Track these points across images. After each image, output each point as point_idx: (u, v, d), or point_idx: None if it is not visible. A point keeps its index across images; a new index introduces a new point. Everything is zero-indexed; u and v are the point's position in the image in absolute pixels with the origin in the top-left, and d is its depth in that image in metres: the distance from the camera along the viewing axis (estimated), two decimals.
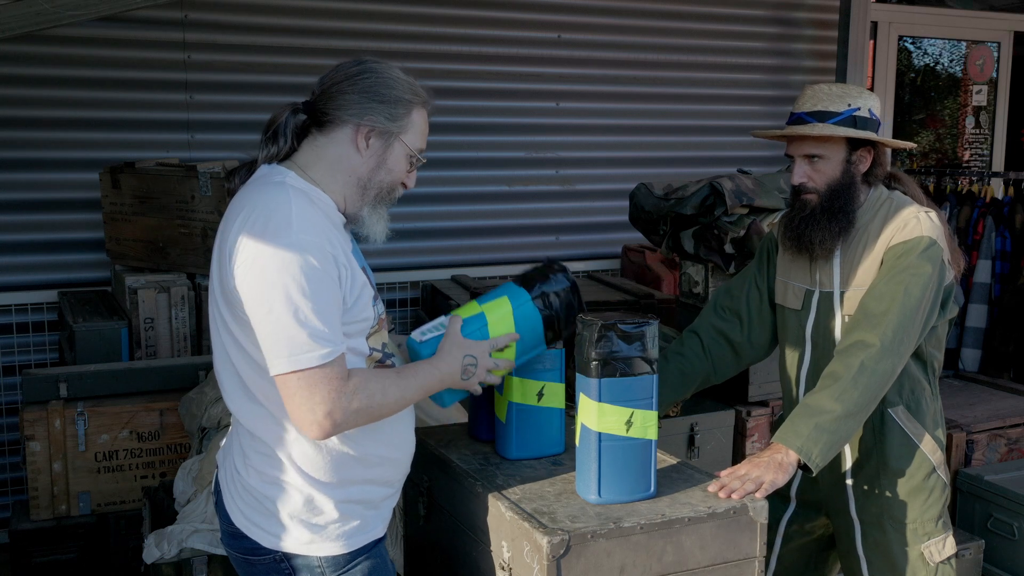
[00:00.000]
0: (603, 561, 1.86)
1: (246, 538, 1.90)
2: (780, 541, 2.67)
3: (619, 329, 1.96)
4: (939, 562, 2.48)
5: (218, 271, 1.84)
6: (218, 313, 1.87)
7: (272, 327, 1.72)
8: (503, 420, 2.24)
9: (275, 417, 1.84)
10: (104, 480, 3.51)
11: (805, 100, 2.45)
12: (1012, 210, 5.40)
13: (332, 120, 1.89)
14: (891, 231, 2.39)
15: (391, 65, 1.93)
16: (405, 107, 1.91)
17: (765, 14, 5.82)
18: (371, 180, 1.91)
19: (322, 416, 1.75)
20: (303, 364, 1.72)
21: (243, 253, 1.75)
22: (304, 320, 1.71)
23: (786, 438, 2.24)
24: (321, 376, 1.73)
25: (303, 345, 1.72)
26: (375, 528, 1.97)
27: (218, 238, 1.88)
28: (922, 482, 2.47)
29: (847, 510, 2.54)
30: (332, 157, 1.89)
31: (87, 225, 4.48)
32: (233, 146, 4.66)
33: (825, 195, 2.43)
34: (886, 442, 2.46)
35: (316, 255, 1.74)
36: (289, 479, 1.86)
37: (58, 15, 3.52)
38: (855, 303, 2.42)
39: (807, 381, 2.56)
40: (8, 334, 4.39)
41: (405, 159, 1.94)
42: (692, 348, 2.67)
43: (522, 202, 5.33)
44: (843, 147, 2.42)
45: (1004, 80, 7.19)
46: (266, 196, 1.79)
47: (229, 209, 1.87)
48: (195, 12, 4.60)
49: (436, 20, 5.03)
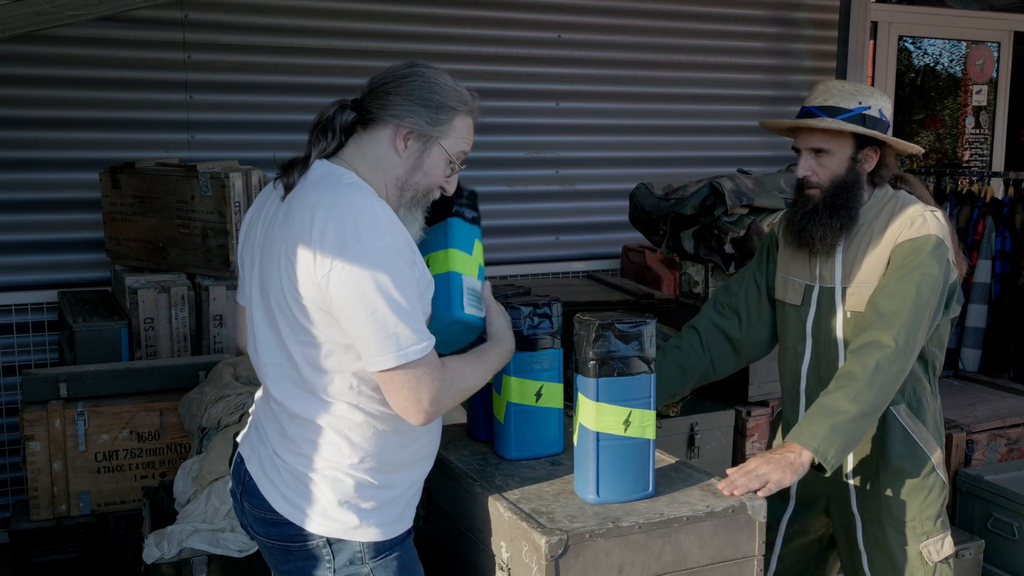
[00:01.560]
0: (601, 561, 1.86)
1: (288, 524, 1.92)
2: (781, 541, 2.67)
3: (616, 329, 1.96)
4: (937, 561, 2.48)
5: (281, 268, 1.85)
6: (274, 306, 1.89)
7: (376, 325, 1.78)
8: (501, 420, 2.24)
9: (329, 404, 1.88)
10: (104, 480, 3.51)
11: (817, 94, 2.47)
12: (1012, 210, 5.40)
13: (375, 119, 1.93)
14: (897, 227, 2.39)
15: (440, 70, 1.98)
16: (448, 113, 1.95)
17: (765, 14, 5.82)
18: (407, 182, 1.95)
19: (427, 404, 1.83)
20: (410, 358, 1.80)
21: (338, 256, 1.78)
22: (406, 315, 1.79)
23: (802, 438, 2.24)
24: (425, 368, 1.82)
25: (407, 340, 1.79)
26: (409, 517, 2.01)
27: (274, 234, 1.89)
28: (921, 480, 2.47)
29: (848, 505, 2.54)
30: (373, 156, 1.94)
31: (87, 225, 4.49)
32: (233, 146, 4.67)
33: (828, 191, 2.44)
34: (888, 439, 2.47)
35: (406, 255, 1.83)
36: (340, 463, 1.89)
37: (58, 15, 3.52)
38: (857, 299, 2.43)
39: (807, 377, 2.56)
40: (8, 334, 4.39)
41: (443, 163, 1.97)
42: (690, 343, 2.67)
43: (522, 202, 5.34)
44: (850, 144, 2.43)
45: (1004, 80, 7.19)
46: (347, 199, 1.82)
47: (292, 206, 1.87)
48: (195, 12, 4.60)
49: (436, 20, 5.03)
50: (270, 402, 1.98)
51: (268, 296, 1.91)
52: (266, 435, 1.99)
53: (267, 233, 1.93)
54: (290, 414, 1.93)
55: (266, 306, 1.92)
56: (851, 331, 2.45)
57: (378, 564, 1.93)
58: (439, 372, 1.84)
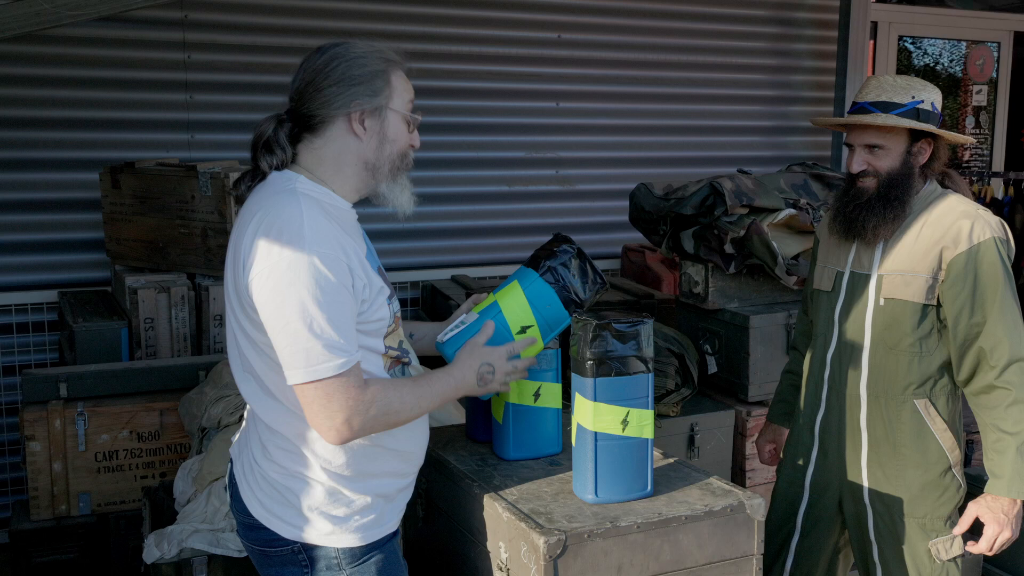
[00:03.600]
0: (600, 561, 1.86)
1: (264, 529, 1.92)
2: (797, 536, 2.67)
3: (614, 328, 1.96)
4: (946, 560, 2.49)
5: (232, 275, 1.86)
6: (233, 315, 1.89)
7: (288, 339, 1.75)
8: (500, 421, 2.24)
9: (294, 413, 1.86)
10: (104, 480, 3.51)
11: (869, 90, 2.49)
12: (1012, 210, 5.40)
13: (321, 119, 1.89)
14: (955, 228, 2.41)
15: (352, 42, 1.93)
16: (382, 78, 1.91)
17: (765, 14, 5.82)
18: (379, 158, 1.92)
19: (340, 423, 1.78)
20: (319, 375, 1.75)
21: (258, 263, 1.77)
22: (319, 332, 1.74)
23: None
24: (337, 385, 1.76)
25: (319, 356, 1.74)
26: (390, 521, 1.99)
27: (231, 242, 1.89)
28: (938, 478, 2.48)
29: (861, 497, 2.56)
30: (334, 153, 1.90)
31: (87, 225, 4.49)
32: (233, 146, 4.67)
33: (883, 182, 2.47)
34: (906, 433, 2.48)
35: (330, 266, 1.76)
36: (310, 473, 1.88)
37: (58, 15, 3.52)
38: (894, 287, 2.46)
39: (832, 364, 2.59)
40: (8, 334, 4.39)
41: (403, 124, 1.95)
42: (796, 362, 2.84)
43: (522, 202, 5.34)
44: (904, 138, 2.46)
45: (1004, 80, 7.19)
46: (279, 205, 1.80)
47: (241, 214, 1.88)
48: (195, 12, 4.60)
49: (436, 20, 5.03)
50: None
51: (232, 304, 1.90)
52: (249, 439, 1.99)
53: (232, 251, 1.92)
54: (263, 422, 1.92)
55: (233, 314, 1.91)
56: (881, 321, 2.48)
57: (356, 570, 1.92)
58: (355, 392, 1.78)
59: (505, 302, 2.08)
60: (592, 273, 2.13)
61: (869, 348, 2.50)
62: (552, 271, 2.10)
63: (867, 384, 2.51)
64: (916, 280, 2.43)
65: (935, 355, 2.46)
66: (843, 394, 2.56)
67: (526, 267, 2.13)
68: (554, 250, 2.13)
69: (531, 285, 2.09)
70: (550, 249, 2.14)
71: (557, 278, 2.10)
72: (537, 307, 2.08)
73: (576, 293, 2.11)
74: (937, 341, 2.45)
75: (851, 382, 2.54)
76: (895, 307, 2.45)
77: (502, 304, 2.08)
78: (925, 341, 2.45)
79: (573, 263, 2.12)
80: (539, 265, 2.12)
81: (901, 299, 2.45)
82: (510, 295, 2.09)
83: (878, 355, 2.49)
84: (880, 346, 2.49)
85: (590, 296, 2.13)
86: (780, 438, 2.88)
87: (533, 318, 2.08)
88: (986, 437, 2.39)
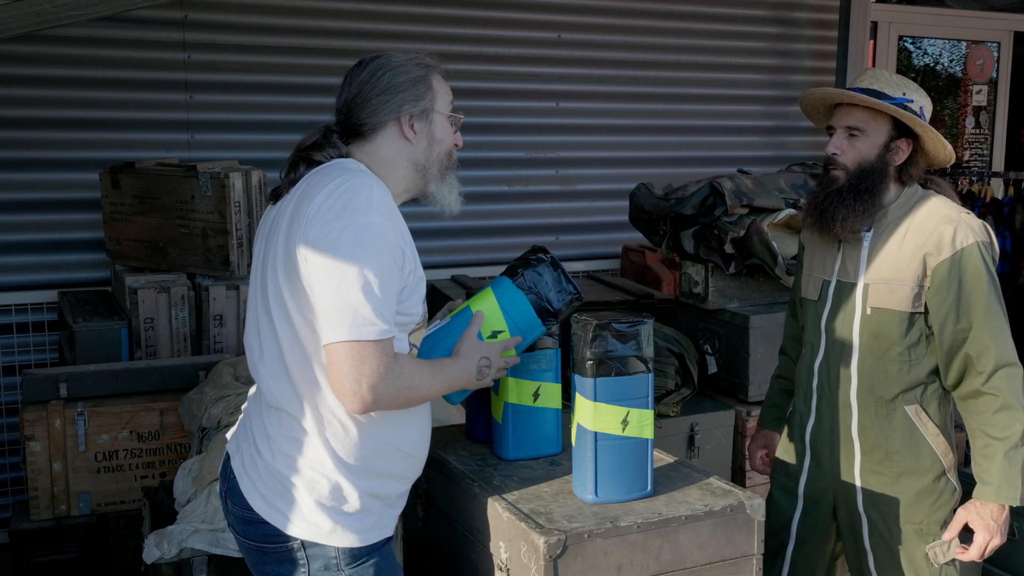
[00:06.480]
0: (600, 561, 1.86)
1: (264, 524, 1.92)
2: (792, 545, 2.66)
3: (614, 328, 1.96)
4: (943, 564, 2.48)
5: (284, 243, 1.88)
6: (263, 294, 1.92)
7: (340, 296, 1.78)
8: (499, 421, 2.24)
9: (311, 399, 1.88)
10: (104, 480, 3.51)
11: (863, 78, 2.49)
12: (1012, 210, 5.40)
13: (372, 127, 1.98)
14: (935, 234, 2.38)
15: (389, 53, 2.02)
16: (423, 83, 2.00)
17: (765, 14, 5.82)
18: (429, 159, 2.02)
19: (366, 389, 1.79)
20: (363, 335, 1.78)
21: (322, 223, 1.81)
22: (371, 295, 1.78)
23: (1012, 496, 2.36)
24: (374, 350, 1.79)
25: (366, 317, 1.78)
26: (388, 525, 2.00)
27: (280, 217, 1.92)
28: (932, 483, 2.47)
29: (855, 505, 2.54)
30: (386, 155, 1.99)
31: (87, 225, 4.49)
32: (233, 146, 4.67)
33: (854, 173, 2.44)
34: (899, 440, 2.46)
35: (390, 240, 1.83)
36: (318, 463, 1.89)
37: (58, 15, 3.53)
38: (880, 296, 2.43)
39: (820, 374, 2.57)
40: (8, 334, 4.40)
41: (447, 124, 2.04)
42: (786, 366, 2.82)
43: (522, 202, 5.34)
44: (886, 129, 2.43)
45: (1004, 80, 7.19)
46: (351, 179, 1.86)
47: (304, 190, 1.91)
48: (195, 12, 4.60)
49: (436, 20, 5.03)
50: (259, 398, 1.98)
51: (266, 284, 1.92)
52: (251, 432, 1.99)
53: (272, 227, 1.95)
54: (276, 409, 1.92)
55: (264, 295, 1.93)
56: (868, 330, 2.46)
57: (354, 571, 1.92)
58: (388, 360, 1.81)
59: (477, 307, 2.10)
60: (565, 283, 2.16)
61: (857, 357, 2.48)
62: (524, 278, 2.14)
63: (857, 392, 2.49)
64: (902, 289, 2.41)
65: (924, 361, 2.44)
66: (834, 403, 2.54)
67: (501, 275, 2.18)
68: (529, 259, 2.17)
69: (504, 292, 2.12)
70: (526, 259, 2.18)
71: (530, 285, 2.13)
72: (509, 312, 2.11)
73: (549, 302, 2.13)
74: (926, 348, 2.43)
75: (841, 391, 2.52)
76: (882, 316, 2.43)
77: (473, 307, 2.10)
78: (914, 349, 2.43)
79: (547, 271, 2.15)
80: (514, 273, 2.15)
81: (888, 308, 2.42)
82: (483, 300, 2.12)
83: (867, 364, 2.47)
84: (868, 355, 2.47)
85: (563, 306, 2.16)
86: (772, 443, 2.86)
87: (504, 323, 2.10)
88: (974, 442, 2.39)
